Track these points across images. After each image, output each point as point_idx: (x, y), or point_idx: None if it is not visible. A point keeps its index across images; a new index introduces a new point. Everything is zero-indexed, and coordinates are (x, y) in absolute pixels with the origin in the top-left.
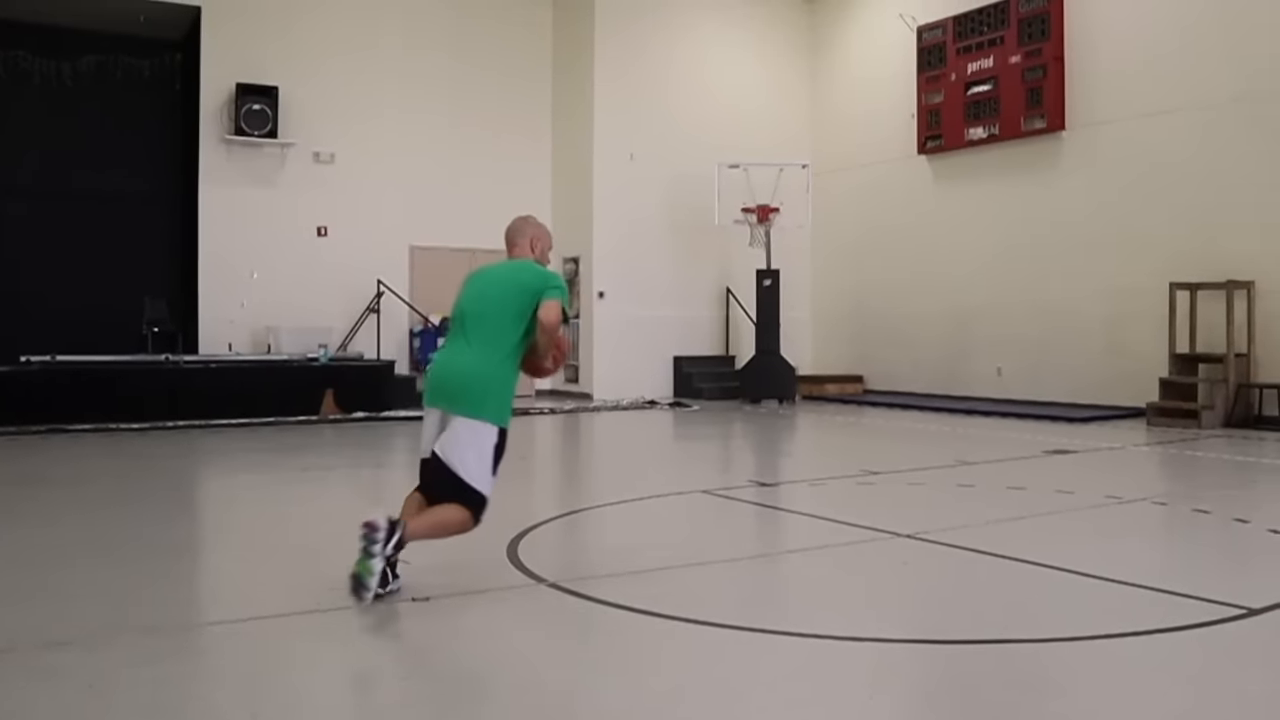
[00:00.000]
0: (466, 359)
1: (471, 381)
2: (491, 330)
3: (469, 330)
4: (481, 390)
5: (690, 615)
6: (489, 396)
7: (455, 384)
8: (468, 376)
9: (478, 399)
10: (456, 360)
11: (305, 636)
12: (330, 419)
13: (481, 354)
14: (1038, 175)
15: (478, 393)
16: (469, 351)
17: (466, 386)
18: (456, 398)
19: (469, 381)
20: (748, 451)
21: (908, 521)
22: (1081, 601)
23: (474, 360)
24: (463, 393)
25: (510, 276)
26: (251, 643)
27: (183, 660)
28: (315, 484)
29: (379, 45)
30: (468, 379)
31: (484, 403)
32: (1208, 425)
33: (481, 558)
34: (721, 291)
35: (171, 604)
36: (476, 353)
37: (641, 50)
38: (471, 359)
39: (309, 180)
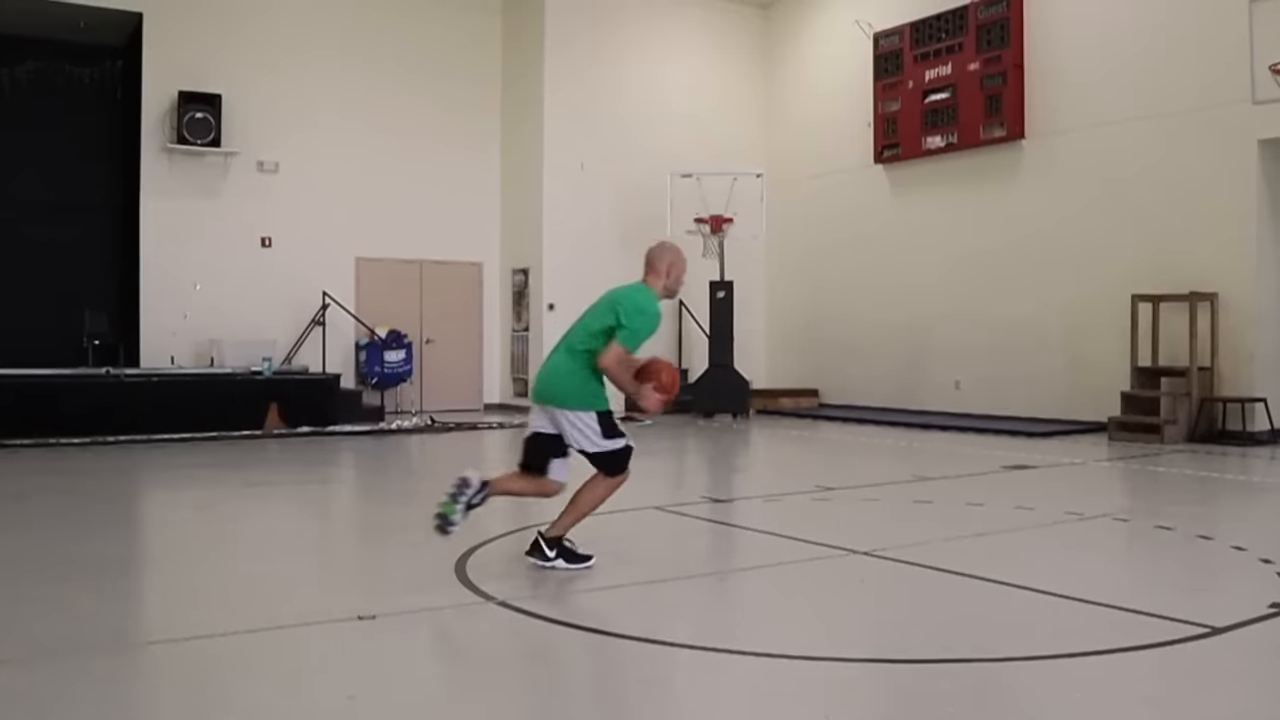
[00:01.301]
0: (554, 362)
1: (555, 381)
2: (577, 340)
3: (566, 336)
4: (564, 390)
5: (642, 634)
6: (571, 394)
7: (543, 384)
8: (553, 377)
9: (563, 396)
10: (549, 363)
11: (248, 656)
12: (274, 433)
13: (565, 359)
14: (997, 185)
15: (562, 391)
16: (556, 356)
17: (552, 386)
18: (546, 396)
19: (554, 381)
20: (701, 467)
21: (864, 538)
22: (1042, 620)
23: (559, 363)
24: (551, 392)
25: (609, 299)
26: (194, 662)
27: (124, 680)
28: (259, 500)
29: (324, 53)
30: (553, 379)
31: (569, 398)
32: (1170, 440)
33: (429, 575)
34: (674, 303)
35: (112, 622)
36: (561, 357)
37: (592, 58)
38: (557, 362)
39: (253, 190)
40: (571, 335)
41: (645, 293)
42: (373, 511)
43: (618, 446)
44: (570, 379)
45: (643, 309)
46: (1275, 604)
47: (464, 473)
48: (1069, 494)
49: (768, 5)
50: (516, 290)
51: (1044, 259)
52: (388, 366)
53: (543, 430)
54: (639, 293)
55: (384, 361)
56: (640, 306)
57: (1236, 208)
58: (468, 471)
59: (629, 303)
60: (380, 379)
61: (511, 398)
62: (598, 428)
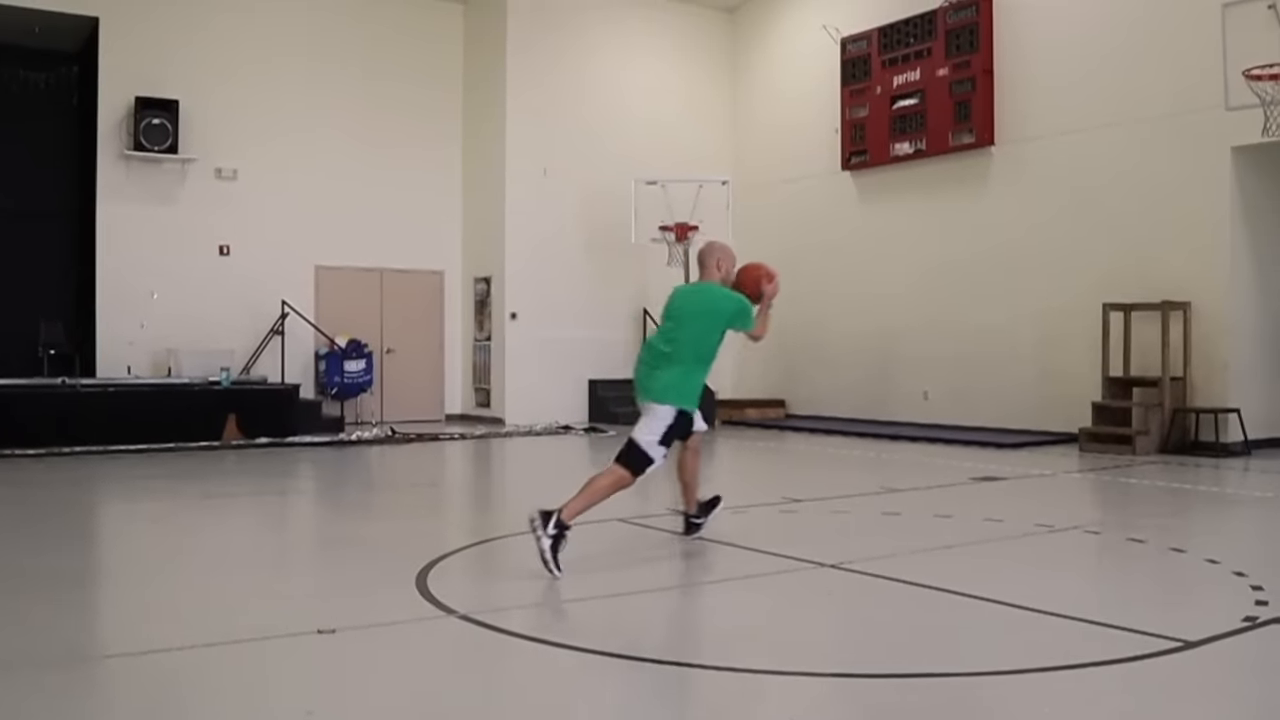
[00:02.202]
0: (659, 363)
1: (658, 379)
2: (686, 341)
3: (667, 338)
4: (664, 386)
5: (606, 648)
6: (670, 390)
7: (646, 381)
8: (656, 376)
9: (662, 391)
10: (652, 362)
11: (205, 670)
12: (232, 445)
13: (673, 359)
14: (966, 192)
15: (661, 388)
16: (662, 357)
17: (653, 382)
18: (648, 390)
19: (656, 379)
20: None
21: (831, 551)
22: (1012, 634)
23: (665, 364)
24: (651, 387)
25: (709, 304)
26: (151, 677)
27: (80, 695)
28: (216, 512)
29: (283, 58)
30: (655, 378)
31: (667, 394)
32: (1142, 451)
33: (390, 588)
34: (638, 312)
35: (67, 636)
36: (670, 358)
37: (555, 62)
38: (663, 363)
39: (211, 197)
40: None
41: (717, 287)
42: (332, 524)
43: (653, 453)
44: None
45: (727, 296)
46: (1249, 618)
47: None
48: (1039, 506)
49: (733, 9)
50: (478, 299)
51: (1014, 268)
52: (348, 376)
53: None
54: (713, 290)
55: (344, 371)
56: (725, 295)
57: (1209, 216)
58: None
59: (722, 303)
60: (340, 389)
61: (473, 408)
62: (665, 426)
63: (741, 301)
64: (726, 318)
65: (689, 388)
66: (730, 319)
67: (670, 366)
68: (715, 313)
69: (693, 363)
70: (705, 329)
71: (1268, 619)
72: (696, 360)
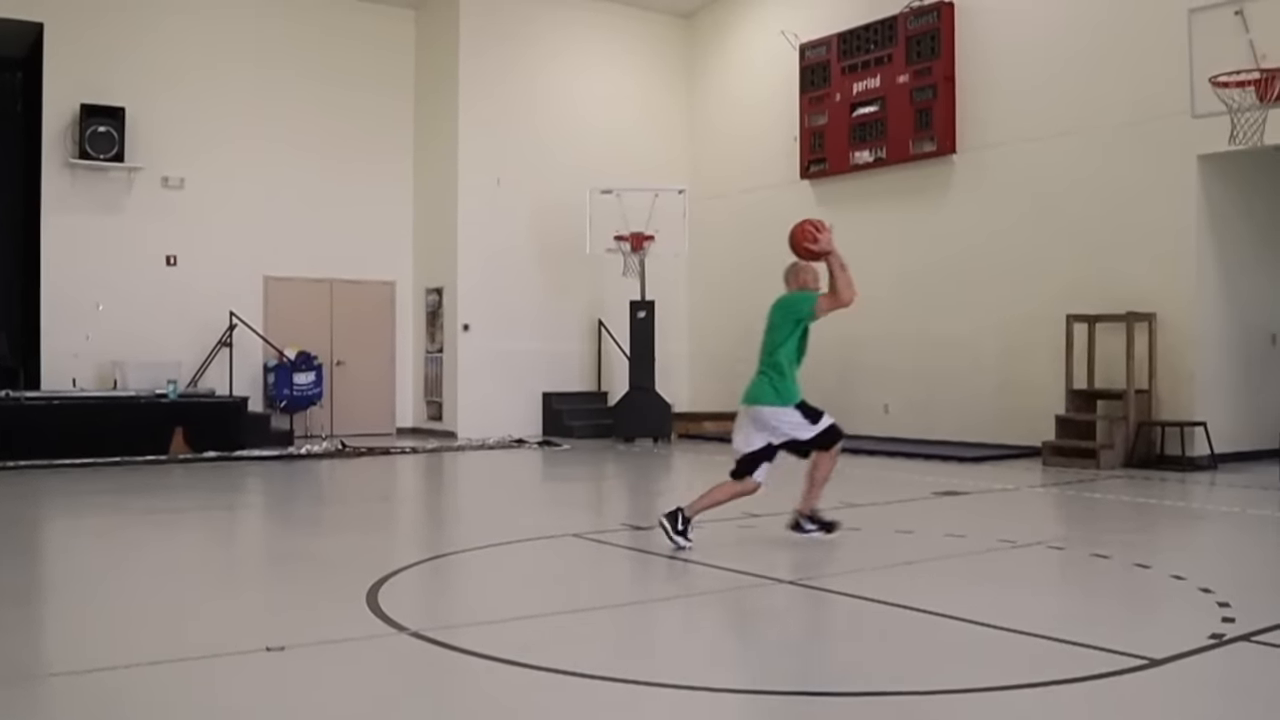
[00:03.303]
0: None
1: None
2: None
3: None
4: (761, 390)
5: (559, 666)
6: (765, 393)
7: (750, 388)
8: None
9: (762, 394)
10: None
11: (152, 688)
12: (179, 458)
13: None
14: (927, 201)
15: (758, 391)
16: (759, 364)
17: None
18: (751, 397)
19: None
20: (621, 493)
21: (789, 567)
22: (973, 652)
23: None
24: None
25: (782, 308)
26: (95, 695)
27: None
28: (163, 528)
29: (232, 64)
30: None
31: (768, 396)
32: (1107, 465)
33: (340, 605)
34: (593, 324)
35: (10, 654)
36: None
37: (509, 69)
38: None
39: (158, 207)
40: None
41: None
42: (281, 539)
43: (804, 434)
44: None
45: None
46: (1215, 635)
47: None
48: (1001, 521)
49: (690, 15)
50: (430, 310)
51: (976, 278)
52: (297, 389)
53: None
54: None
55: (293, 384)
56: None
57: (1175, 225)
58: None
59: (792, 305)
60: (289, 402)
61: (425, 421)
62: (799, 419)
63: (803, 294)
64: (795, 313)
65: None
66: (798, 313)
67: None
68: (788, 315)
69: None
70: (785, 333)
71: (1234, 636)
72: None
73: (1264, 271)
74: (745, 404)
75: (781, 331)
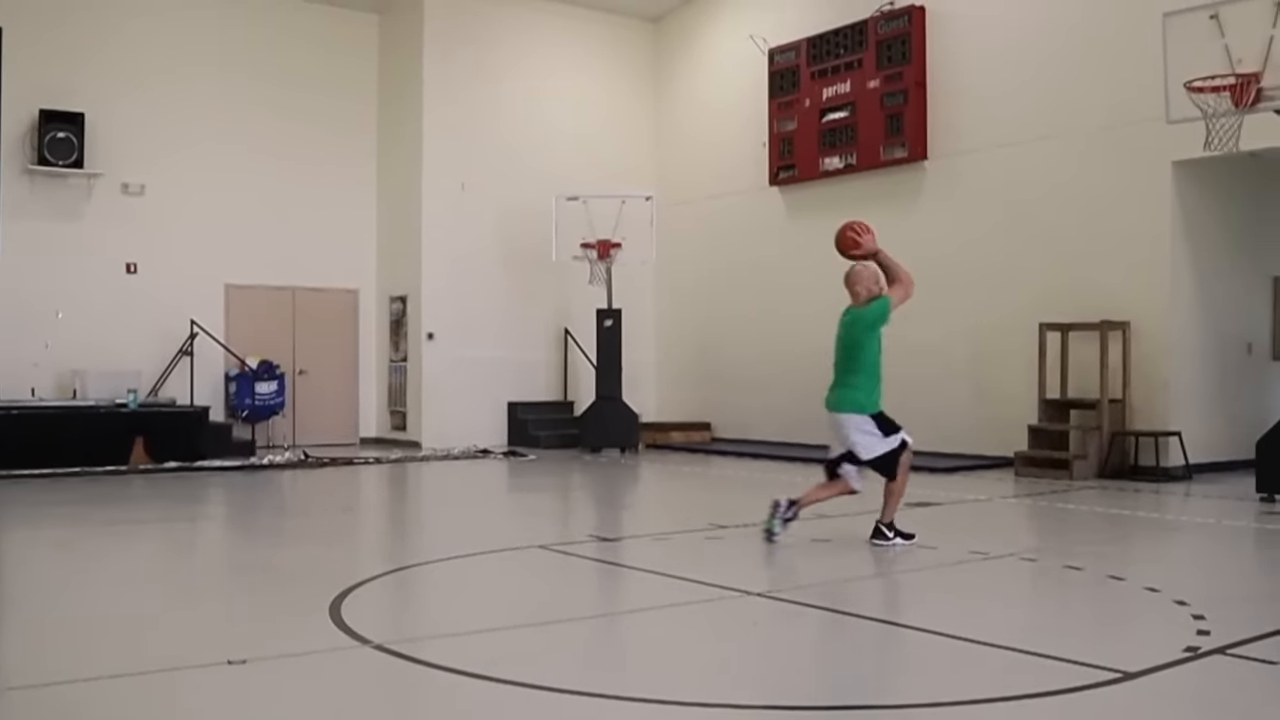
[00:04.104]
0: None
1: (841, 392)
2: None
3: (838, 356)
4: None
5: (526, 679)
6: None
7: (833, 396)
8: (839, 388)
9: (846, 402)
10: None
11: (112, 702)
12: (140, 469)
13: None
14: (898, 208)
15: (846, 400)
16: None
17: (838, 396)
18: (834, 404)
19: (840, 393)
20: (588, 504)
21: (758, 579)
22: (945, 665)
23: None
24: (837, 401)
25: (856, 317)
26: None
27: None
28: (123, 538)
29: (193, 69)
30: (839, 391)
31: (850, 403)
32: (1080, 476)
33: (302, 617)
34: (559, 332)
35: None
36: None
37: (474, 74)
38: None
39: (117, 213)
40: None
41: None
42: (243, 550)
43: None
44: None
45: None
46: (1190, 648)
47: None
48: (974, 532)
49: (658, 18)
50: (394, 319)
51: (947, 286)
52: (259, 398)
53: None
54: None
55: (255, 393)
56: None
57: (1150, 232)
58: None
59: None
60: (251, 411)
61: (389, 431)
62: (875, 428)
63: (879, 305)
64: (880, 322)
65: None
66: (882, 321)
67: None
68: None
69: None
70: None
71: (1209, 649)
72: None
73: (1239, 279)
74: (827, 410)
75: (870, 343)
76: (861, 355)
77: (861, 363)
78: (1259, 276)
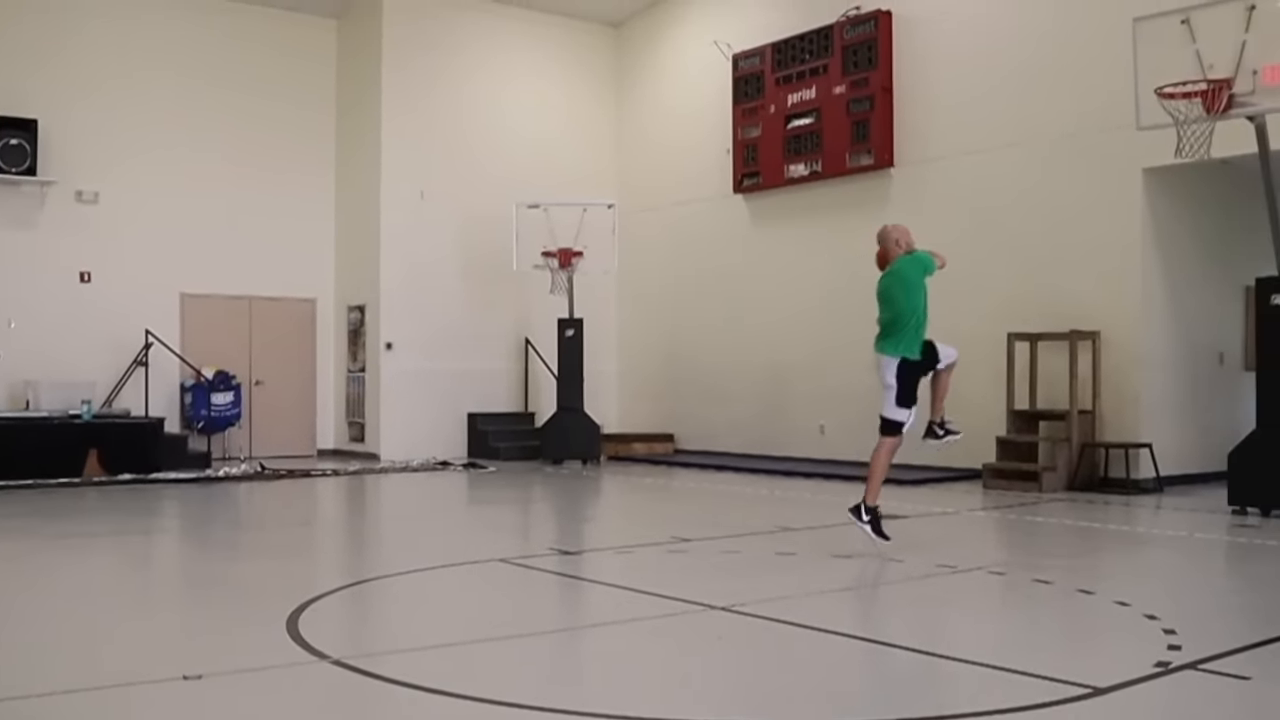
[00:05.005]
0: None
1: (879, 343)
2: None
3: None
4: (883, 339)
5: (485, 694)
6: (886, 342)
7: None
8: (878, 342)
9: (882, 343)
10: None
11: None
12: (94, 481)
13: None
14: (864, 216)
15: (883, 341)
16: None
17: (880, 339)
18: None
19: (880, 337)
20: (549, 517)
21: (723, 593)
22: (912, 680)
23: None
24: (878, 342)
25: (900, 282)
26: None
27: None
28: (76, 551)
29: (150, 75)
30: (880, 336)
31: (885, 345)
32: (1049, 488)
33: (259, 632)
34: (520, 342)
35: None
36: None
37: (433, 80)
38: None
39: (71, 221)
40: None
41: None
42: (199, 564)
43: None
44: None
45: (912, 262)
46: (1161, 663)
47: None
48: (941, 546)
49: (619, 23)
50: (352, 328)
51: None
52: (215, 409)
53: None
54: (901, 263)
55: (211, 404)
56: (911, 263)
57: (1120, 240)
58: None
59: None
60: (207, 423)
61: (347, 443)
62: (895, 379)
63: (917, 258)
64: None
65: (900, 340)
66: (926, 271)
67: (887, 333)
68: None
69: (904, 325)
70: (919, 295)
71: (1180, 664)
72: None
73: (1211, 288)
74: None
75: (914, 296)
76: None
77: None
78: (1231, 285)
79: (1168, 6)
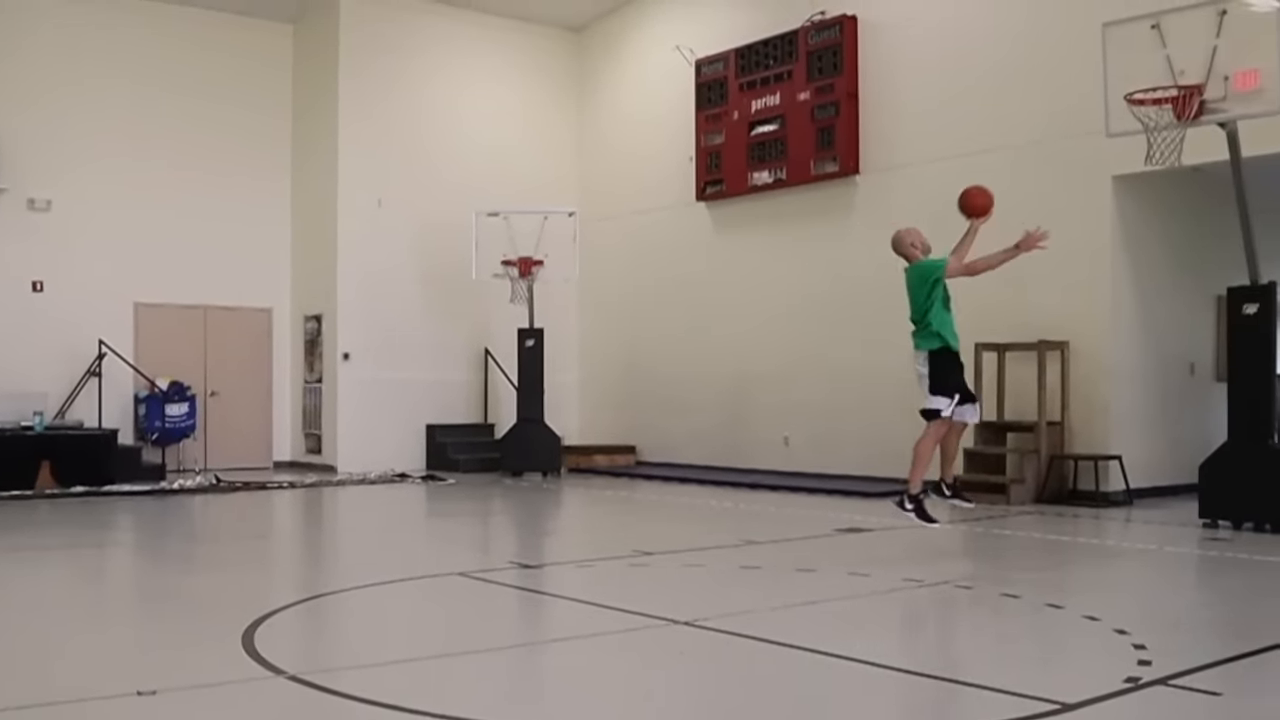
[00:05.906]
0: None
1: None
2: (911, 306)
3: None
4: (913, 335)
5: (445, 710)
6: (914, 338)
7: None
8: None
9: (913, 339)
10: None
11: None
12: (46, 494)
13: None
14: (829, 224)
15: (913, 337)
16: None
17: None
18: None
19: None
20: (509, 530)
21: (685, 607)
22: (878, 696)
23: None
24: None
25: (907, 277)
26: None
27: None
28: (27, 566)
29: (103, 81)
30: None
31: (913, 340)
32: (1017, 501)
33: (215, 647)
34: (479, 353)
35: None
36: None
37: (391, 85)
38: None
39: (22, 229)
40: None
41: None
42: (153, 577)
43: (936, 405)
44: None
45: (919, 267)
46: (1131, 679)
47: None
48: (907, 559)
49: (580, 28)
50: (308, 338)
51: (879, 304)
52: (169, 421)
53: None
54: (912, 267)
55: (165, 415)
56: (917, 268)
57: (1089, 249)
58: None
59: (911, 275)
60: (161, 434)
61: (303, 455)
62: (927, 371)
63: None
64: (933, 274)
65: (920, 337)
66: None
67: (918, 332)
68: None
69: (930, 322)
70: (924, 295)
71: (1151, 680)
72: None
73: (1181, 298)
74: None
75: (917, 297)
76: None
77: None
78: (1202, 295)
79: (1138, 11)
